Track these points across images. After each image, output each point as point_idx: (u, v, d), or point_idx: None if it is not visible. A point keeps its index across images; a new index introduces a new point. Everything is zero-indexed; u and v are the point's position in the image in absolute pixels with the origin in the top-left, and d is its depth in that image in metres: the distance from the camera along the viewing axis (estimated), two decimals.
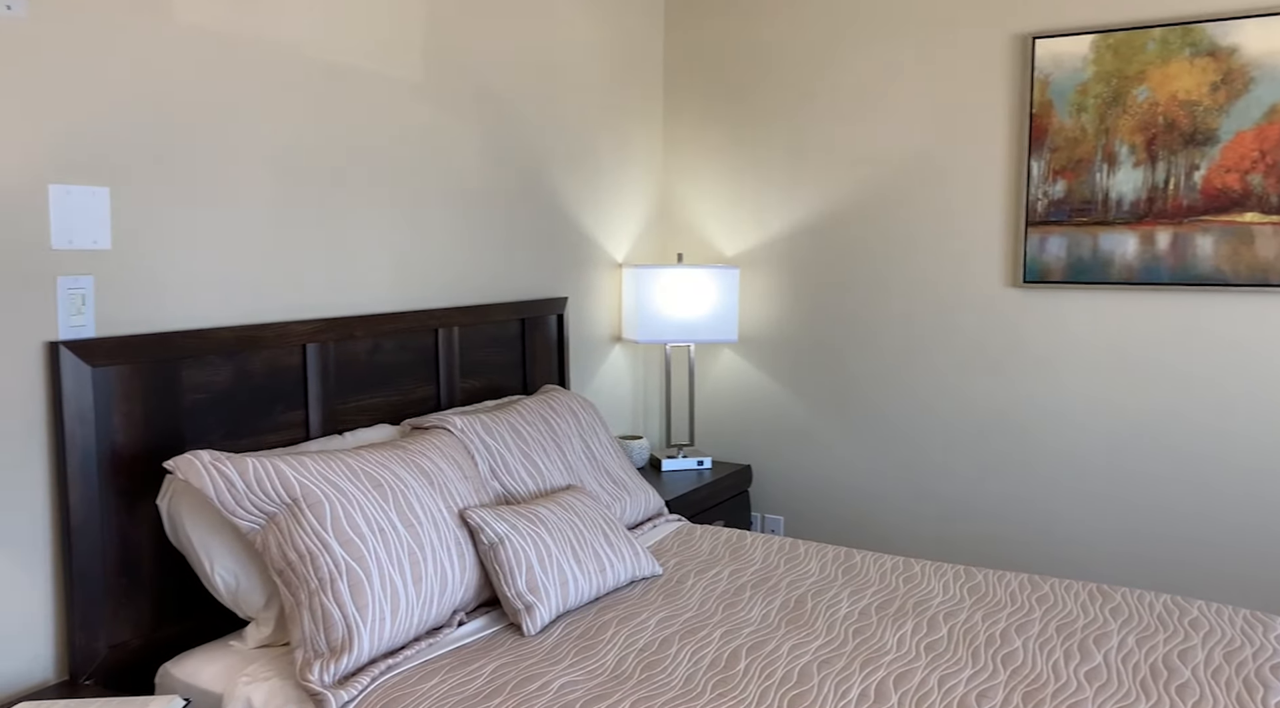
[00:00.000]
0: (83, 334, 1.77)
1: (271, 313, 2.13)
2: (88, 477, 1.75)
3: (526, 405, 2.51)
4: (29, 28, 1.66)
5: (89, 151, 1.76)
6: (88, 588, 1.75)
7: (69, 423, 1.72)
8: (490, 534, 1.97)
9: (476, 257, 2.72)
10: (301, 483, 1.80)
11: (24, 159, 1.67)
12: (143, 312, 1.87)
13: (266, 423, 2.09)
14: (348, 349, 2.29)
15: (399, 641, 1.78)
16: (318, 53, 2.20)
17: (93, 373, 1.76)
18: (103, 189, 1.79)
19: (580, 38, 3.07)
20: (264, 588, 1.83)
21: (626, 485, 2.56)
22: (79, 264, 1.76)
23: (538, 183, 2.94)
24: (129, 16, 1.81)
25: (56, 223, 1.72)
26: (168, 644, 1.87)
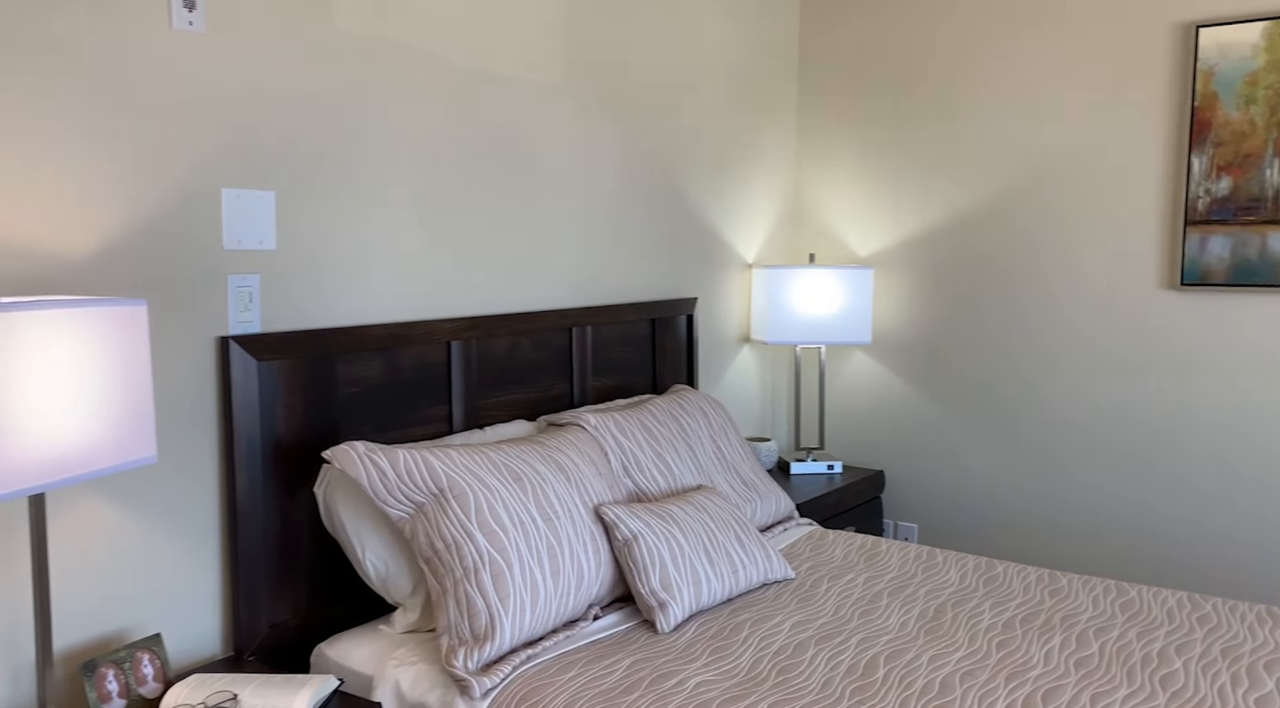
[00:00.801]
0: (249, 329, 1.88)
1: (419, 311, 2.21)
2: (252, 464, 1.86)
3: (658, 405, 2.52)
4: (205, 41, 1.77)
5: (256, 157, 1.87)
6: (251, 571, 1.85)
7: (237, 413, 1.83)
8: (624, 531, 1.99)
9: (610, 257, 2.76)
10: (448, 474, 1.86)
11: (201, 165, 1.78)
12: (303, 309, 1.97)
13: (413, 416, 2.17)
14: (488, 347, 2.35)
15: (538, 632, 1.82)
16: (463, 58, 2.28)
17: (258, 366, 1.86)
18: (269, 192, 1.90)
19: (715, 39, 3.08)
20: (411, 575, 1.90)
21: (757, 487, 2.54)
22: (247, 263, 1.87)
23: (670, 183, 2.96)
24: (293, 27, 1.91)
25: (228, 225, 1.83)
26: (322, 626, 1.97)
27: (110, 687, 1.57)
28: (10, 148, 1.52)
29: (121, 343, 1.45)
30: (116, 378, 1.44)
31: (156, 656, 1.65)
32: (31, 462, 1.31)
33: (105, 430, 1.42)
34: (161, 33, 1.70)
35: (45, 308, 1.34)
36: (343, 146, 2.03)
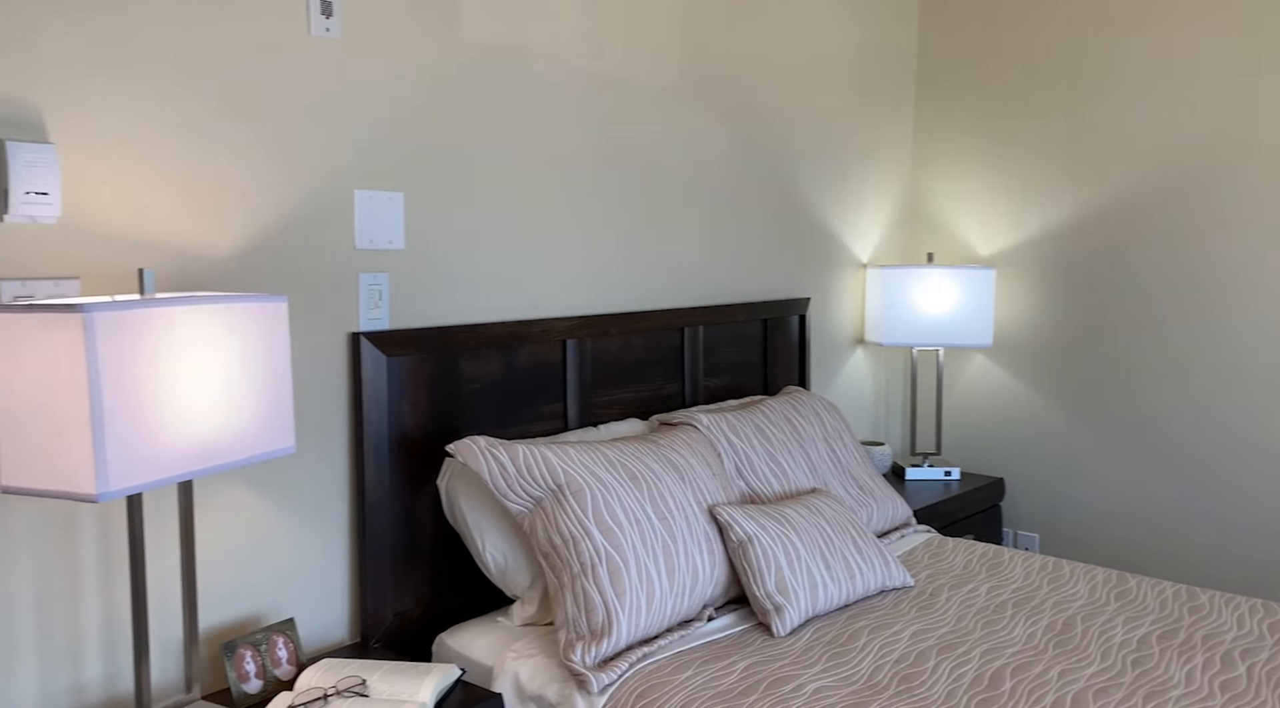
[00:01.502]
0: (379, 326, 1.94)
1: (536, 309, 2.25)
2: (380, 457, 1.92)
3: (771, 406, 2.50)
4: (341, 46, 1.84)
5: (386, 159, 1.93)
6: (378, 560, 1.91)
7: (366, 407, 1.89)
8: (739, 532, 1.98)
9: (722, 257, 2.74)
10: (565, 471, 1.88)
11: (335, 167, 1.85)
12: (428, 306, 2.03)
13: (530, 413, 2.21)
14: (602, 345, 2.37)
15: (653, 630, 1.83)
16: (583, 60, 2.30)
17: (387, 362, 1.92)
18: (398, 194, 1.95)
19: (830, 37, 3.03)
20: (530, 569, 1.93)
21: (873, 492, 2.49)
22: (377, 262, 1.93)
23: (784, 182, 2.93)
24: (422, 32, 1.97)
25: (360, 225, 1.90)
26: (442, 615, 2.02)
27: (248, 667, 1.64)
28: (165, 151, 1.61)
29: (264, 337, 1.52)
30: (259, 371, 1.50)
31: (290, 639, 1.72)
32: (183, 449, 1.38)
33: (248, 421, 1.49)
34: (300, 39, 1.77)
35: (196, 303, 1.41)
36: (467, 148, 2.08)
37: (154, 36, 1.58)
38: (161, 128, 1.60)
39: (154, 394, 1.34)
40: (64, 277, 1.51)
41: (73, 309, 1.27)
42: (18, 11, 1.43)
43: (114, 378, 1.29)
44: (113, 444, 1.29)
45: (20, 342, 1.30)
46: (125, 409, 1.30)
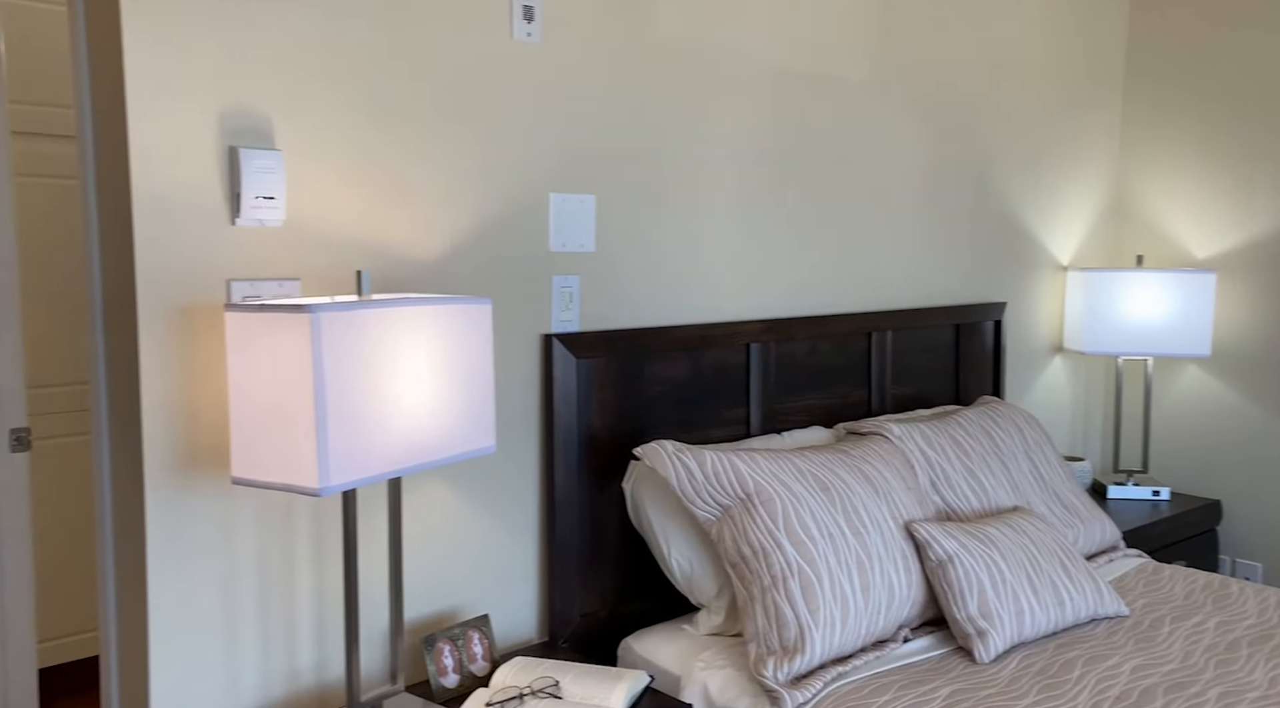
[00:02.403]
0: (569, 328, 1.95)
1: (722, 312, 2.21)
2: (569, 457, 1.92)
3: (967, 417, 2.36)
4: (540, 50, 1.85)
5: (580, 162, 1.94)
6: (566, 561, 1.92)
7: (557, 408, 1.90)
8: (939, 551, 1.87)
9: (912, 258, 2.62)
10: (755, 479, 1.83)
11: (532, 170, 1.87)
12: (616, 308, 2.02)
13: (713, 417, 2.17)
14: (787, 350, 2.31)
15: (847, 648, 1.75)
16: (774, 58, 2.24)
17: (577, 363, 1.93)
18: (590, 196, 1.96)
19: (1034, 28, 2.85)
20: (716, 578, 1.89)
21: (1079, 512, 2.31)
22: (569, 265, 1.94)
23: (979, 181, 2.77)
24: (617, 34, 1.96)
25: (554, 228, 1.91)
26: (627, 619, 2.00)
27: (446, 661, 1.67)
28: (376, 155, 1.66)
29: (469, 338, 1.54)
30: (464, 371, 1.53)
31: (485, 635, 1.74)
32: (395, 446, 1.42)
33: (453, 420, 1.51)
34: (503, 43, 1.80)
35: (410, 304, 1.45)
36: (657, 150, 2.06)
37: (367, 45, 1.64)
38: (373, 133, 1.66)
39: (371, 392, 1.38)
40: (286, 277, 1.58)
41: (301, 309, 1.32)
42: (247, 24, 1.51)
43: (336, 375, 1.33)
44: (334, 440, 1.33)
45: (253, 340, 1.36)
46: (345, 406, 1.34)
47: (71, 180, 2.97)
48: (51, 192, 2.93)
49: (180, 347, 1.48)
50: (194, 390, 1.49)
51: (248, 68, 1.51)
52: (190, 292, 1.48)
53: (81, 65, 1.50)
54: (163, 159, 1.44)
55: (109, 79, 1.44)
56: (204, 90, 1.47)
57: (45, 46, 2.89)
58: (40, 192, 2.91)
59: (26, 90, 2.86)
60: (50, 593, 2.99)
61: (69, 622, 3.05)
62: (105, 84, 1.46)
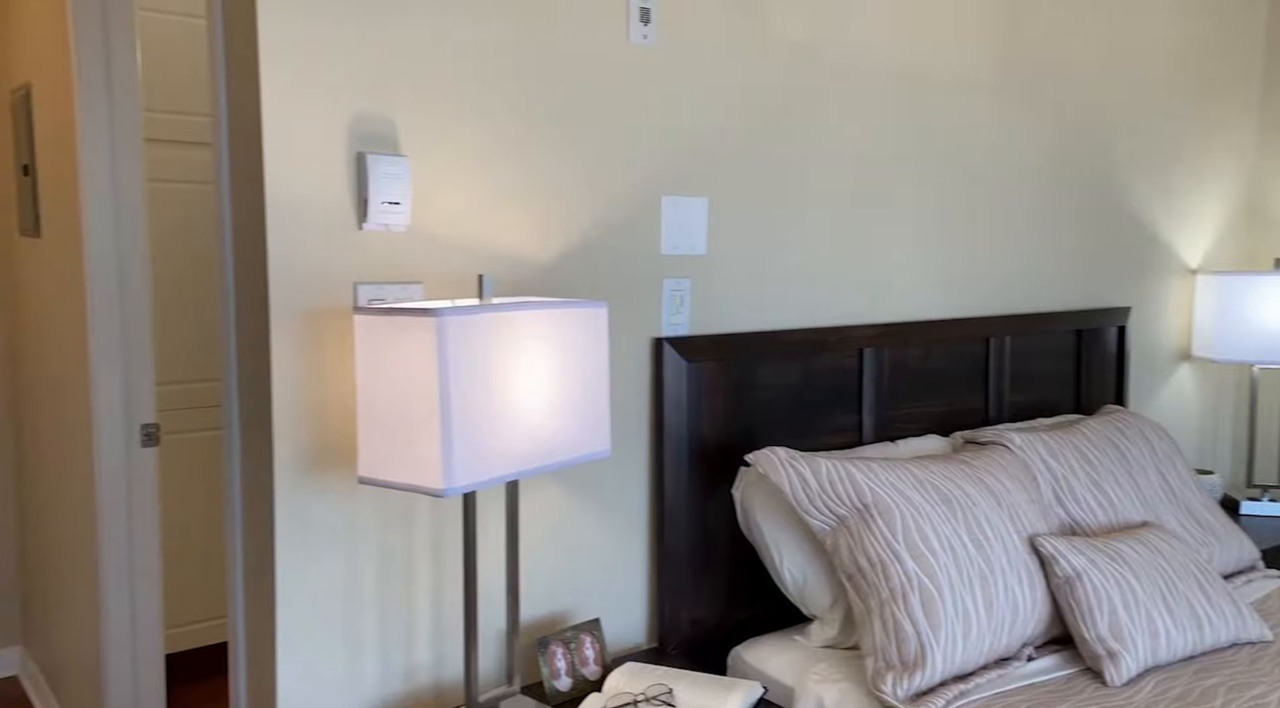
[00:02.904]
0: (679, 332, 1.94)
1: (834, 317, 2.16)
2: (679, 463, 1.91)
3: (1091, 427, 2.26)
4: (655, 53, 1.84)
5: (692, 163, 1.92)
6: (676, 567, 1.90)
7: (667, 412, 1.89)
8: (1066, 567, 1.79)
9: (1032, 262, 2.52)
10: (872, 489, 1.78)
11: (646, 173, 1.86)
12: (726, 312, 2.00)
13: (824, 424, 2.12)
14: (900, 355, 2.24)
15: (969, 666, 1.69)
16: (892, 58, 2.19)
17: (687, 367, 1.91)
18: (702, 199, 1.94)
19: (1165, 26, 2.71)
20: (831, 589, 1.85)
21: (1213, 529, 2.19)
22: (680, 268, 1.93)
23: (1104, 182, 2.65)
24: (732, 36, 1.94)
25: (666, 231, 1.90)
26: (736, 627, 1.98)
27: (559, 664, 1.67)
28: (495, 160, 1.68)
29: (586, 342, 1.54)
30: (581, 374, 1.53)
31: (597, 640, 1.74)
32: (515, 449, 1.42)
33: (570, 423, 1.51)
34: (620, 46, 1.80)
35: (530, 308, 1.45)
36: (770, 152, 2.03)
37: (486, 50, 1.65)
38: (491, 137, 1.67)
39: (492, 395, 1.39)
40: (409, 281, 1.61)
41: (427, 313, 1.33)
42: (373, 32, 1.54)
43: (459, 378, 1.35)
44: (458, 442, 1.34)
45: (381, 343, 1.38)
46: (468, 409, 1.36)
47: (198, 185, 3.09)
48: (178, 196, 3.06)
49: (309, 348, 1.52)
50: (321, 391, 1.53)
51: (374, 75, 1.54)
52: (318, 295, 1.52)
53: (219, 74, 1.55)
54: (295, 165, 1.48)
55: (244, 88, 1.49)
56: (334, 97, 1.51)
57: (174, 56, 3.02)
58: (168, 196, 3.04)
59: (157, 99, 2.99)
60: (171, 582, 3.12)
61: (189, 610, 3.17)
62: (241, 93, 1.50)
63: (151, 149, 2.98)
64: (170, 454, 3.09)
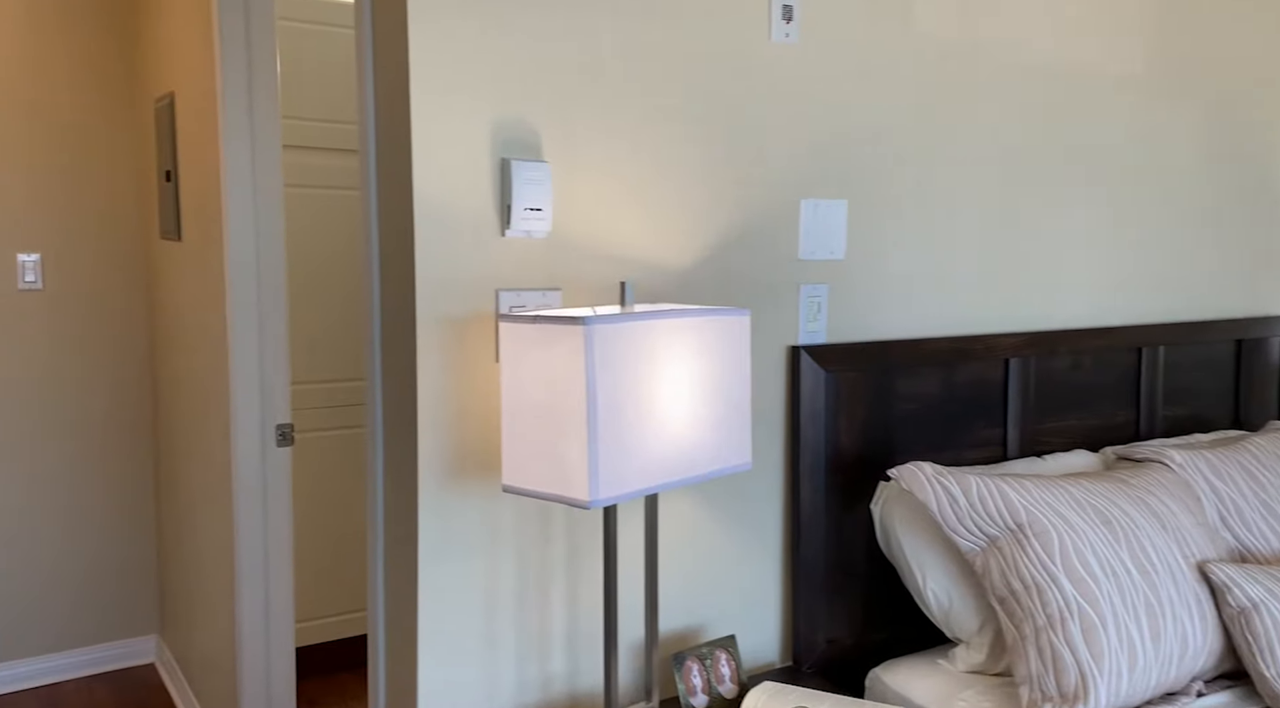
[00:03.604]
0: (816, 340, 1.87)
1: (977, 324, 2.06)
2: (815, 476, 1.84)
3: (1258, 444, 2.10)
4: (797, 51, 1.78)
5: (831, 164, 1.85)
6: (811, 583, 1.84)
7: (804, 423, 1.83)
8: (1241, 597, 1.66)
9: (1187, 268, 2.37)
10: (1026, 508, 1.68)
11: (784, 175, 1.80)
12: (865, 319, 1.92)
13: (966, 438, 2.03)
14: (1047, 365, 2.13)
15: (1134, 700, 1.58)
16: (1041, 50, 2.08)
17: (825, 377, 1.84)
18: (841, 202, 1.87)
19: None
20: (979, 612, 1.76)
21: None
22: (817, 273, 1.86)
23: (1265, 182, 2.47)
24: (874, 32, 1.87)
25: (804, 235, 1.84)
26: (873, 648, 1.90)
27: (695, 681, 1.63)
28: (631, 164, 1.64)
29: (728, 351, 1.49)
30: (723, 385, 1.48)
31: (732, 657, 1.69)
32: (658, 461, 1.39)
33: (711, 435, 1.47)
34: (761, 45, 1.74)
35: (674, 316, 1.41)
36: (912, 152, 1.94)
37: (626, 53, 1.62)
38: (629, 142, 1.64)
39: (637, 405, 1.35)
40: (549, 287, 1.59)
41: (575, 321, 1.31)
42: (517, 37, 1.52)
43: (606, 387, 1.32)
44: (604, 452, 1.31)
45: (527, 351, 1.37)
46: (614, 419, 1.33)
47: (332, 189, 3.17)
48: (312, 200, 3.15)
49: (452, 354, 1.51)
50: (463, 396, 1.52)
51: (518, 80, 1.53)
52: (462, 301, 1.51)
53: (367, 82, 1.56)
54: (442, 172, 1.47)
55: (393, 95, 1.50)
56: (479, 103, 1.50)
57: (310, 65, 3.10)
58: (301, 201, 3.13)
59: (292, 106, 3.08)
60: (297, 577, 3.20)
61: (317, 606, 3.26)
62: (389, 100, 1.51)
63: (286, 155, 3.06)
64: (297, 452, 3.17)
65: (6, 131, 3.08)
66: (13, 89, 3.08)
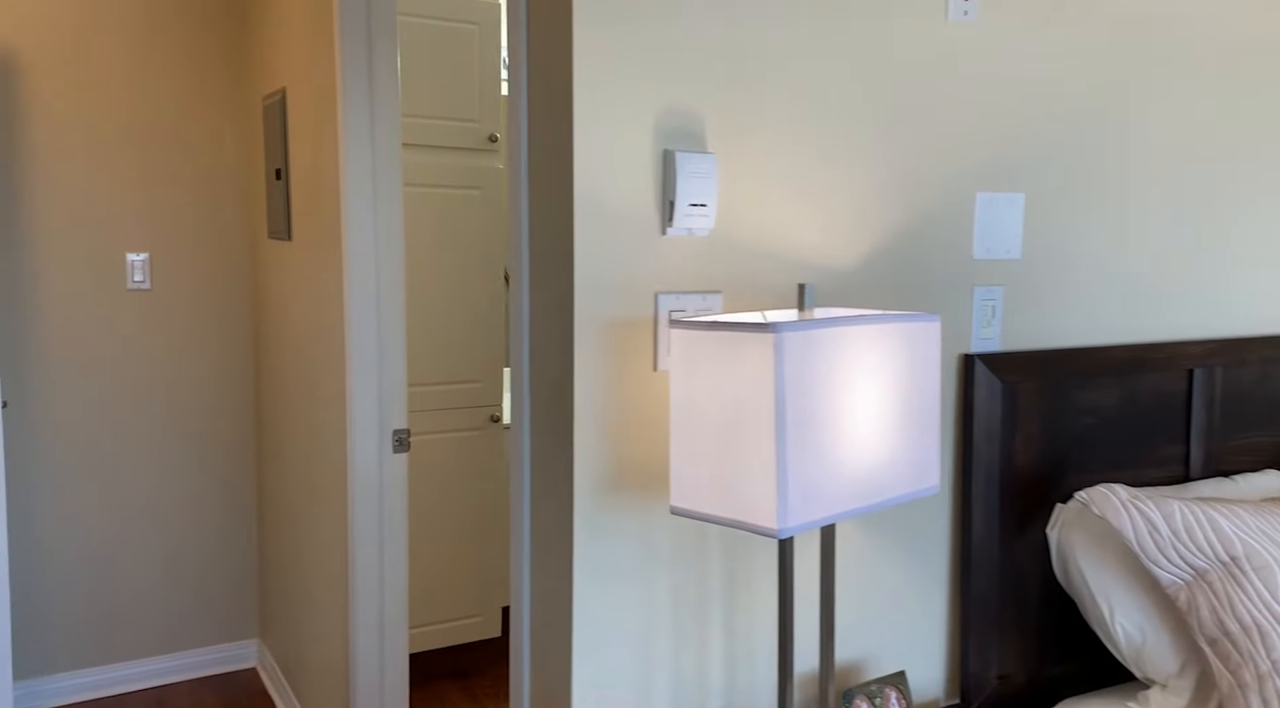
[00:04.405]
0: (990, 347, 1.71)
1: (1160, 330, 1.88)
2: (989, 497, 1.68)
3: None
4: (975, 30, 1.63)
5: (1008, 154, 1.69)
6: (981, 614, 1.68)
7: (976, 439, 1.67)
8: None
9: None
10: (1241, 539, 1.50)
11: (957, 167, 1.65)
12: (1041, 325, 1.75)
13: (1146, 456, 1.84)
14: (1235, 376, 1.93)
15: None
16: (1244, 26, 1.88)
17: (1001, 388, 1.68)
18: (1018, 195, 1.71)
19: None
20: (1179, 652, 1.58)
21: None
22: (992, 274, 1.70)
23: None
24: (1060, 8, 1.70)
25: (979, 232, 1.68)
26: (1049, 684, 1.73)
27: None
28: (794, 155, 1.51)
29: (918, 361, 1.34)
30: (912, 398, 1.33)
31: (903, 695, 1.55)
32: (846, 485, 1.25)
33: (900, 454, 1.32)
34: (937, 26, 1.59)
35: (865, 322, 1.27)
36: (1094, 142, 1.77)
37: (791, 33, 1.48)
38: (793, 130, 1.50)
39: (826, 422, 1.22)
40: (709, 290, 1.46)
41: (763, 328, 1.18)
42: (682, 20, 1.39)
43: (796, 402, 1.18)
44: (793, 475, 1.18)
45: (702, 360, 1.24)
46: (803, 437, 1.19)
47: (449, 189, 3.09)
48: (429, 200, 3.08)
49: (610, 362, 1.39)
50: (620, 407, 1.40)
51: (681, 66, 1.40)
52: (621, 305, 1.39)
53: (521, 74, 1.45)
54: (602, 165, 1.36)
55: (551, 83, 1.38)
56: (642, 91, 1.38)
57: (427, 61, 3.02)
58: (417, 200, 3.06)
59: (409, 104, 3.01)
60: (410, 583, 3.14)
61: (416, 613, 3.19)
62: (548, 92, 1.40)
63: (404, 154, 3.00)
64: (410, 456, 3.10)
65: (115, 130, 3.07)
66: (121, 88, 3.07)
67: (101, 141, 3.05)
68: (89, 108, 3.02)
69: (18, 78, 2.93)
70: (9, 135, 2.92)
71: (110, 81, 3.04)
